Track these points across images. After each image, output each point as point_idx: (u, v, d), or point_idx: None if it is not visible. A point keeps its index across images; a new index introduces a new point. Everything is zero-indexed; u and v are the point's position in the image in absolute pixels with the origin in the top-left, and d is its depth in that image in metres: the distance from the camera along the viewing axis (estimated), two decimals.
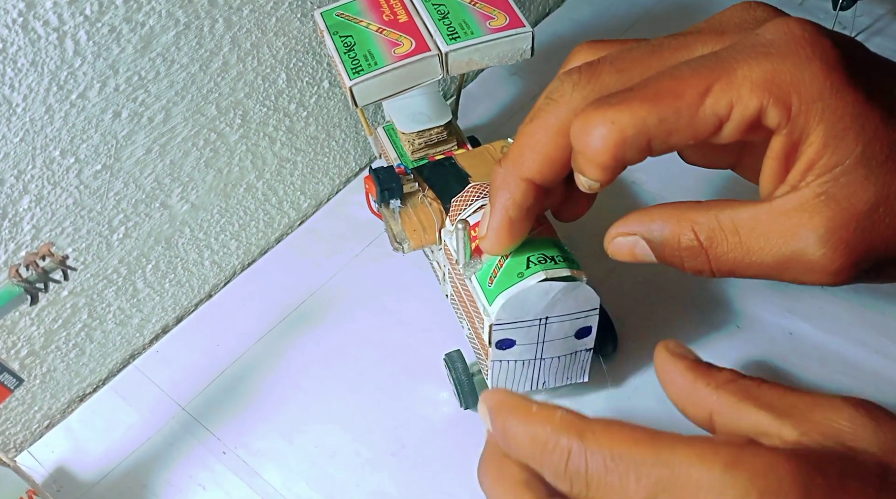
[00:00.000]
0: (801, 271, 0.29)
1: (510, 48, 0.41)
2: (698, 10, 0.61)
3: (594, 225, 0.49)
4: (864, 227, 0.28)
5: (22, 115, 0.37)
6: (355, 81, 0.40)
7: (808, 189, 0.28)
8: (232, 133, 0.46)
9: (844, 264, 0.28)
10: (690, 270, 0.31)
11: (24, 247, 0.39)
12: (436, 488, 0.39)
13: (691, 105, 0.28)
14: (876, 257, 0.29)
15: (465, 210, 0.38)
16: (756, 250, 0.29)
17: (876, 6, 0.59)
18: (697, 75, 0.28)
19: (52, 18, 0.36)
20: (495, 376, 0.38)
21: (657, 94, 0.29)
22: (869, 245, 0.28)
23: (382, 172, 0.42)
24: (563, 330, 0.36)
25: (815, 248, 0.28)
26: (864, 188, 0.28)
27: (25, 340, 0.41)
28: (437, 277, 0.44)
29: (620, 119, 0.29)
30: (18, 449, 0.43)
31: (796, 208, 0.28)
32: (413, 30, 0.41)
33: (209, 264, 0.48)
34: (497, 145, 0.45)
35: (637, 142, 0.29)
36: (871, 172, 0.28)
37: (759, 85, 0.28)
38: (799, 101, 0.28)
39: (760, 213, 0.29)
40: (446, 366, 0.40)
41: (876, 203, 0.28)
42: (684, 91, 0.28)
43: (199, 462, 0.41)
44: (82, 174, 0.40)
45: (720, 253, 0.30)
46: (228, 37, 0.43)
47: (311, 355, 0.44)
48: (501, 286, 0.35)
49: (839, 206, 0.28)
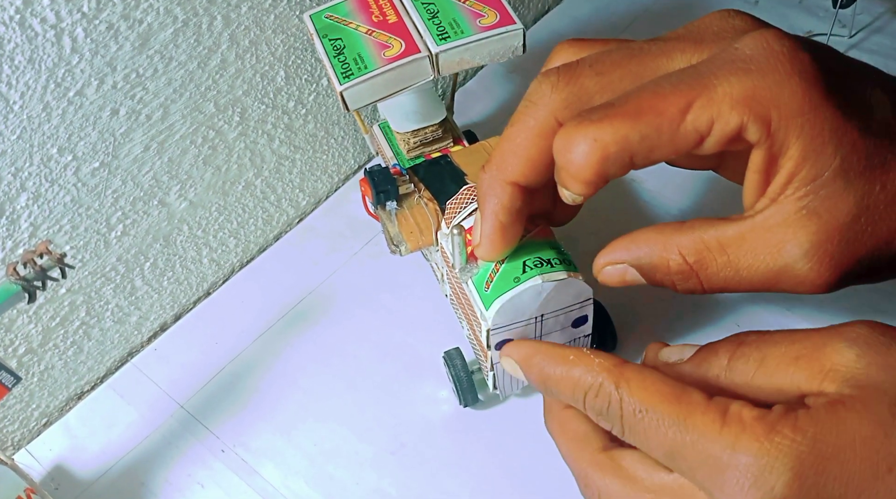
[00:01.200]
0: (790, 284, 0.30)
1: (501, 46, 0.41)
2: (696, 7, 0.61)
3: (593, 223, 0.49)
4: (847, 238, 0.29)
5: (19, 113, 0.36)
6: (346, 86, 0.39)
7: (788, 203, 0.29)
8: (230, 130, 0.45)
9: (832, 276, 0.29)
10: (683, 291, 0.32)
11: (21, 245, 0.39)
12: (435, 486, 0.39)
13: (672, 122, 0.29)
14: (861, 265, 0.29)
15: (459, 213, 0.37)
16: (745, 267, 0.30)
17: (875, 4, 0.59)
18: (678, 91, 0.29)
19: (49, 15, 0.36)
20: (499, 377, 0.38)
21: (638, 111, 0.29)
22: (854, 255, 0.29)
23: (377, 174, 0.41)
24: (558, 323, 0.36)
25: (802, 263, 0.29)
26: (844, 200, 0.28)
27: (23, 338, 0.41)
28: (437, 277, 0.44)
29: (602, 136, 0.29)
30: (16, 447, 0.43)
31: (780, 224, 0.29)
32: (403, 31, 0.41)
33: (207, 262, 0.48)
34: (493, 141, 0.45)
35: (619, 158, 0.29)
36: (849, 183, 0.28)
37: (739, 102, 0.28)
38: (779, 117, 0.28)
39: (745, 230, 0.30)
40: (445, 364, 0.40)
41: (857, 214, 0.28)
42: (665, 108, 0.28)
43: (198, 460, 0.41)
44: (80, 172, 0.40)
45: (710, 273, 0.31)
46: (227, 34, 0.43)
47: (310, 354, 0.44)
48: (498, 291, 0.34)
49: (821, 219, 0.28)
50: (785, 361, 0.28)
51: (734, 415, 0.26)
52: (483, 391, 0.40)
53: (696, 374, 0.30)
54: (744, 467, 0.25)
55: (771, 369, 0.28)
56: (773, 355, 0.29)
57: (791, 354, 0.28)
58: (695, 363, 0.30)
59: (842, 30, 0.57)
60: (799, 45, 0.29)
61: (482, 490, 0.38)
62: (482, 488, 0.38)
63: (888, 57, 0.55)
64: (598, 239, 0.50)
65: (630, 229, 0.32)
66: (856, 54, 0.56)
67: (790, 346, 0.28)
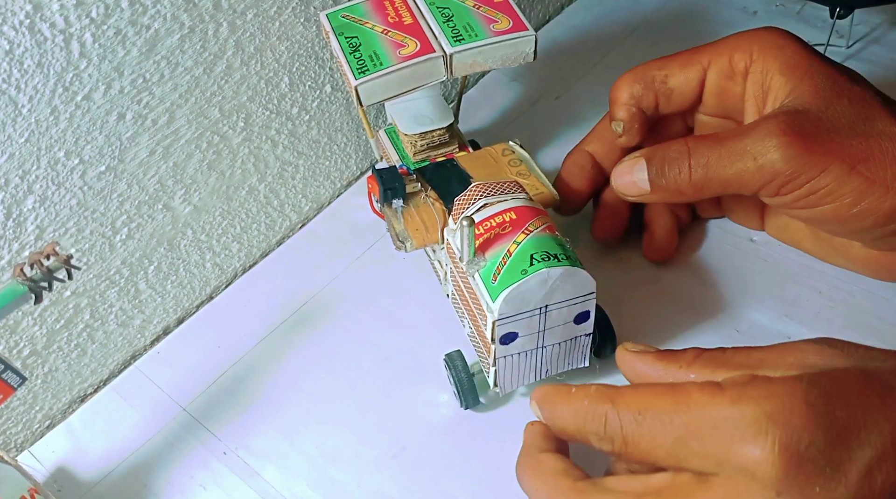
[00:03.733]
0: (768, 164, 0.37)
1: (513, 51, 0.42)
2: (697, 17, 0.62)
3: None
4: (813, 122, 0.37)
5: (27, 117, 0.37)
6: (360, 81, 0.40)
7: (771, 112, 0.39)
8: (235, 136, 0.46)
9: (800, 149, 0.36)
10: (674, 182, 0.39)
11: (27, 247, 0.39)
12: (436, 489, 0.39)
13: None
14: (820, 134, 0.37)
15: (468, 208, 0.38)
16: (729, 163, 0.38)
17: (873, 15, 0.59)
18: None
19: (58, 21, 0.36)
20: (501, 372, 0.38)
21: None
22: (816, 136, 0.37)
23: (386, 172, 0.42)
24: (562, 316, 0.37)
25: (775, 148, 0.37)
26: (811, 105, 0.38)
27: (28, 339, 0.41)
28: (439, 278, 0.44)
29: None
30: (20, 449, 0.43)
31: (762, 118, 0.39)
32: (418, 31, 0.42)
33: (211, 266, 0.48)
34: (498, 148, 0.45)
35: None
36: (816, 98, 0.38)
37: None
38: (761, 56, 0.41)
39: (737, 131, 0.39)
40: (446, 366, 0.40)
41: (818, 115, 0.37)
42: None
43: (200, 463, 0.41)
44: (86, 175, 0.40)
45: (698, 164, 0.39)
46: (232, 41, 0.43)
47: (312, 357, 0.45)
48: (505, 283, 0.35)
49: (789, 116, 0.37)
50: (749, 365, 0.31)
51: (730, 382, 0.29)
52: (484, 393, 0.40)
53: (658, 365, 0.33)
54: (757, 416, 0.27)
55: (735, 369, 0.31)
56: (735, 363, 0.32)
57: (749, 362, 0.31)
58: (657, 357, 0.33)
59: (839, 40, 0.57)
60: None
61: (483, 492, 0.39)
62: (483, 489, 0.39)
63: (886, 67, 0.55)
64: (598, 244, 0.50)
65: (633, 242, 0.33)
66: (853, 65, 0.56)
67: (746, 358, 0.31)
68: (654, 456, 0.29)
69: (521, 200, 0.38)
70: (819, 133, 0.37)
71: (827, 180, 0.36)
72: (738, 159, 0.37)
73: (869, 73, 0.41)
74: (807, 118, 0.37)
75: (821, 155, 0.36)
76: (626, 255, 0.47)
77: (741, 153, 0.37)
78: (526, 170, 0.44)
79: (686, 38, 0.48)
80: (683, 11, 0.63)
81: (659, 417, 0.29)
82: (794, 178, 0.37)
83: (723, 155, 0.38)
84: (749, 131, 0.38)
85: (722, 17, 0.62)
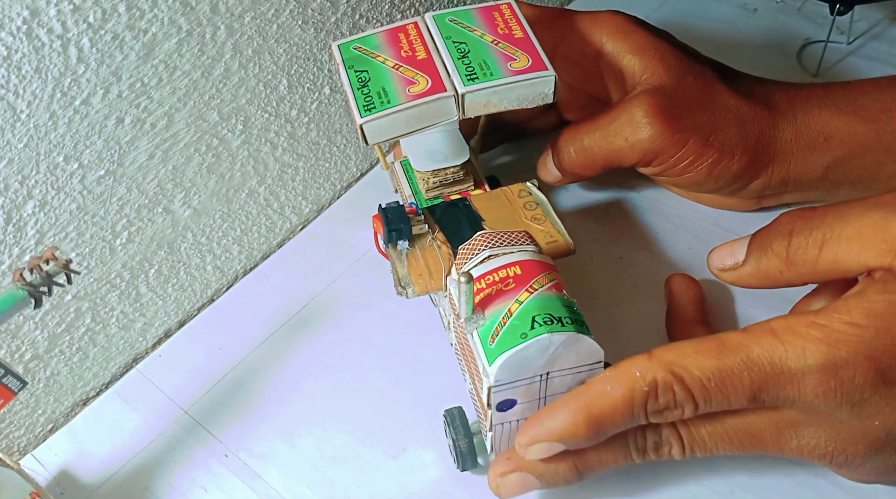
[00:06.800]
0: (637, 137, 0.42)
1: (531, 91, 0.39)
2: (695, 17, 0.62)
3: (594, 228, 0.49)
4: (671, 99, 0.42)
5: (26, 122, 0.37)
6: (366, 119, 0.38)
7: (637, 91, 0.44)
8: (234, 139, 0.46)
9: (662, 128, 0.42)
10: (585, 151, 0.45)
11: (28, 251, 0.40)
12: (437, 491, 0.39)
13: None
14: (685, 120, 0.42)
15: (470, 260, 0.36)
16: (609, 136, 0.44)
17: (873, 11, 0.59)
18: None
19: (55, 26, 0.36)
20: (497, 438, 0.36)
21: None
22: (676, 115, 0.42)
23: (391, 212, 0.40)
24: (565, 384, 0.34)
25: (642, 127, 0.42)
26: (667, 84, 0.43)
27: (29, 344, 0.41)
28: (443, 324, 0.43)
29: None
30: (22, 452, 0.43)
31: (628, 99, 0.43)
32: (430, 68, 0.40)
33: (211, 269, 0.49)
34: (515, 189, 0.44)
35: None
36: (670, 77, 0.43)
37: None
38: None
39: (608, 114, 0.44)
40: (446, 424, 0.38)
41: (674, 93, 0.42)
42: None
43: (202, 465, 0.41)
44: (86, 180, 0.40)
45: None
46: (230, 44, 0.43)
47: (313, 359, 0.45)
48: (503, 347, 0.32)
49: (650, 95, 0.43)
50: (848, 241, 0.31)
51: (785, 330, 0.30)
52: (483, 455, 0.38)
53: (759, 274, 0.34)
54: (823, 367, 0.28)
55: (834, 251, 0.32)
56: (835, 237, 0.32)
57: (852, 234, 0.31)
58: (753, 262, 0.34)
59: (840, 36, 0.57)
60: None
61: (484, 493, 0.39)
62: (484, 490, 0.39)
63: (886, 63, 0.55)
64: (597, 244, 0.50)
65: (633, 241, 0.33)
66: (854, 61, 0.56)
67: (849, 224, 0.31)
68: (733, 408, 0.31)
69: (528, 252, 0.36)
70: (678, 112, 0.42)
71: (688, 154, 0.42)
72: (612, 140, 0.43)
73: (870, 69, 0.41)
74: (665, 96, 0.42)
75: (680, 132, 0.42)
76: (627, 255, 0.47)
77: (614, 134, 0.43)
78: (542, 214, 0.42)
79: (686, 37, 0.48)
80: (683, 10, 0.62)
81: (730, 378, 0.30)
82: (661, 153, 0.43)
83: (599, 138, 0.44)
84: (619, 114, 0.43)
85: (722, 14, 0.61)
